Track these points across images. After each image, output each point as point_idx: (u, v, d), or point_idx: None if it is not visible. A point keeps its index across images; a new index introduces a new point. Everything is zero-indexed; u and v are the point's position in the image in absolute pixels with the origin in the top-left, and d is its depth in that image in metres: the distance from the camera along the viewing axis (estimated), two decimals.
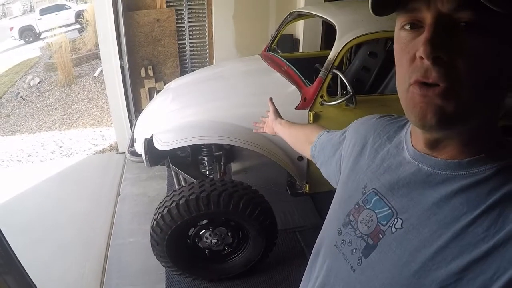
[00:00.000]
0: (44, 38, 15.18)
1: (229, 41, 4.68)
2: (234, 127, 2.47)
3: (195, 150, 2.79)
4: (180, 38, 4.69)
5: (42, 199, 4.00)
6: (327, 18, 2.71)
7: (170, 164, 2.73)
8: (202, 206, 2.26)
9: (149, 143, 2.55)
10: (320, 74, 2.47)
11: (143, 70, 4.65)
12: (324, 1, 4.22)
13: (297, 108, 2.47)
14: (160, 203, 2.41)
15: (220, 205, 2.26)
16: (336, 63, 2.44)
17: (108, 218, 3.58)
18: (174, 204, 2.28)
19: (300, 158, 2.59)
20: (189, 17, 4.62)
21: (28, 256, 3.11)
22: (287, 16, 3.38)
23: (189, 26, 4.67)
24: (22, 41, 16.95)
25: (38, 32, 16.82)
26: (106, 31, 4.16)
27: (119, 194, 3.94)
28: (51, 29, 13.90)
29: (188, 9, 4.57)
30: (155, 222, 2.35)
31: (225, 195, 2.26)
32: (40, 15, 16.95)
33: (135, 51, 4.54)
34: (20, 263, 1.14)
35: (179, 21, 4.60)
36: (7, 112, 8.49)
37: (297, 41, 4.57)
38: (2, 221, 3.54)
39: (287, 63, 2.90)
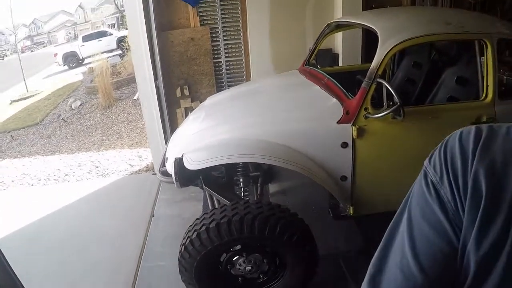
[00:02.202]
0: (87, 63, 15.79)
1: (266, 58, 4.56)
2: (271, 145, 2.29)
3: (230, 170, 2.64)
4: (216, 56, 4.62)
5: (75, 218, 4.00)
6: (367, 25, 2.52)
7: (203, 185, 2.59)
8: (235, 231, 2.08)
9: (179, 162, 2.41)
10: (363, 85, 2.26)
11: (178, 90, 4.59)
12: (362, 11, 4.03)
13: (339, 122, 2.27)
14: (190, 226, 2.26)
15: (255, 230, 2.07)
16: (380, 72, 2.24)
17: (140, 240, 3.49)
18: (204, 228, 2.12)
19: (344, 177, 2.37)
20: (224, 35, 4.55)
21: (56, 276, 3.10)
22: (325, 28, 3.22)
23: (225, 44, 4.59)
24: (66, 67, 17.75)
25: (81, 58, 17.58)
26: (140, 52, 4.15)
27: (153, 215, 3.86)
28: (93, 55, 14.45)
29: (223, 27, 4.50)
30: (183, 246, 2.20)
31: (260, 219, 2.07)
32: (83, 41, 17.76)
33: (170, 71, 4.50)
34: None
35: (214, 39, 4.53)
36: (49, 133, 8.79)
37: (337, 55, 4.38)
38: (35, 239, 3.59)
39: (327, 75, 2.71)
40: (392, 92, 2.12)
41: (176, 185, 2.50)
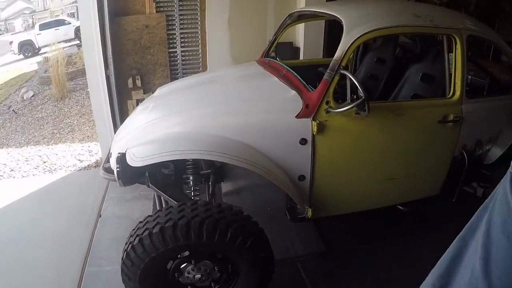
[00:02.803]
0: (43, 53, 14.94)
1: (224, 49, 4.29)
2: (223, 139, 2.03)
3: (180, 167, 2.36)
4: (171, 46, 4.30)
5: (19, 218, 3.67)
6: (332, 13, 2.32)
7: (149, 184, 2.30)
8: (181, 236, 1.82)
9: (122, 158, 2.12)
10: (325, 76, 2.05)
11: (130, 80, 4.24)
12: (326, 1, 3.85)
13: (298, 116, 2.04)
14: (132, 230, 1.98)
15: (203, 235, 1.82)
16: (343, 63, 2.03)
17: (85, 242, 3.17)
18: (147, 233, 1.85)
19: (302, 177, 2.16)
20: (180, 23, 4.23)
21: None
22: (286, 18, 2.99)
23: (181, 33, 4.27)
24: (22, 56, 16.74)
25: (37, 47, 16.64)
26: (90, 37, 3.77)
27: (100, 215, 3.53)
28: (50, 44, 13.64)
29: (180, 14, 4.19)
30: (125, 253, 1.93)
31: (209, 223, 1.82)
32: (39, 30, 16.83)
33: (122, 60, 4.14)
34: None
35: (170, 27, 4.21)
36: None
37: (297, 49, 4.17)
38: None
39: (286, 67, 2.49)
40: (357, 85, 1.92)
41: (118, 184, 2.20)
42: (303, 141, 2.05)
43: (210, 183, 2.44)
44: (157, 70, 4.32)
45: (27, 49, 16.82)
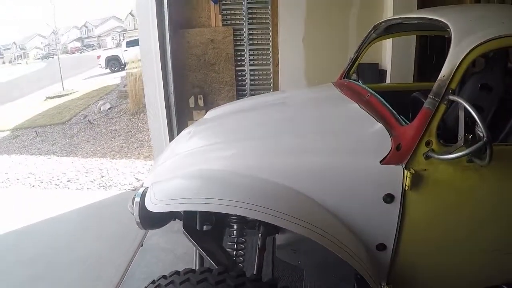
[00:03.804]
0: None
1: (298, 69, 3.78)
2: (274, 187, 1.47)
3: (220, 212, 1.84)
4: (239, 63, 3.89)
5: (59, 231, 3.58)
6: (433, 17, 1.69)
7: (183, 231, 1.80)
8: None
9: (142, 196, 1.66)
10: (426, 105, 1.42)
11: (192, 99, 3.89)
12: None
13: (384, 162, 1.41)
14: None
15: None
16: (453, 85, 1.39)
17: (119, 271, 2.87)
18: None
19: (382, 246, 1.52)
20: (249, 39, 3.80)
21: None
22: (371, 30, 2.39)
23: (250, 50, 3.84)
24: (108, 70, 17.78)
25: (123, 62, 17.51)
26: (149, 49, 3.49)
27: (142, 245, 3.22)
28: (134, 61, 14.24)
29: (249, 28, 3.76)
30: None
31: None
32: (126, 47, 17.73)
33: (184, 77, 3.80)
34: None
35: (238, 43, 3.80)
36: (72, 133, 8.55)
37: (384, 71, 3.52)
38: (6, 252, 3.30)
39: (371, 90, 1.89)
40: (477, 119, 1.27)
41: (138, 226, 1.75)
42: (389, 198, 1.41)
43: (260, 235, 1.90)
44: (222, 89, 3.92)
45: (114, 64, 17.83)
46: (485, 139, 1.27)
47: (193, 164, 1.67)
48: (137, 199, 1.70)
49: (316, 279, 2.52)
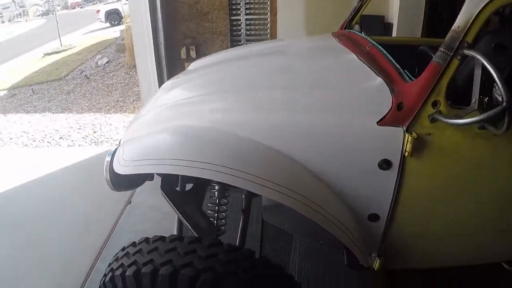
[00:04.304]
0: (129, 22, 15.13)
1: (298, 19, 3.52)
2: (258, 148, 1.27)
3: None
4: (234, 12, 3.62)
5: (49, 190, 3.41)
6: None
7: (161, 191, 1.63)
8: None
9: (113, 156, 1.48)
10: (436, 58, 1.19)
11: (183, 50, 3.65)
12: None
13: (382, 122, 1.20)
14: (116, 255, 1.36)
15: None
16: (469, 38, 1.15)
17: (107, 229, 2.79)
18: (119, 272, 1.23)
19: (374, 216, 1.34)
20: None
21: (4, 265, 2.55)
22: None
23: None
24: (108, 24, 17.20)
25: (123, 15, 16.89)
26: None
27: (130, 202, 3.11)
28: None
29: None
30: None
31: (205, 281, 1.11)
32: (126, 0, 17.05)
33: (174, 27, 3.56)
34: None
35: None
36: (69, 89, 8.35)
37: (390, 25, 3.22)
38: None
39: (372, 41, 1.64)
40: (496, 79, 1.05)
41: (110, 187, 1.58)
42: (386, 164, 1.22)
43: (243, 196, 1.74)
44: (216, 40, 3.68)
45: (114, 17, 17.20)
46: (504, 104, 1.05)
47: (171, 118, 1.47)
48: (108, 158, 1.53)
49: (305, 244, 2.39)
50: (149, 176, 1.69)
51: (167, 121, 1.47)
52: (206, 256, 1.17)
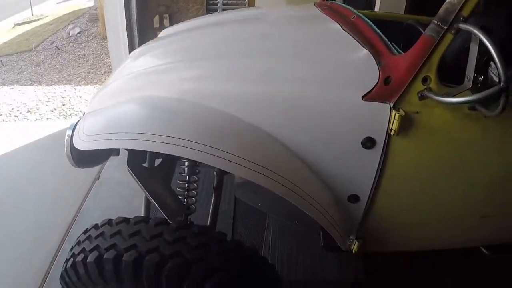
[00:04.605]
0: None
1: None
2: (231, 122, 1.15)
3: None
4: None
5: (14, 168, 3.20)
6: None
7: (128, 168, 1.49)
8: (125, 278, 1.03)
9: (74, 130, 1.33)
10: (428, 31, 1.09)
11: (157, 19, 3.43)
12: None
13: (367, 97, 1.09)
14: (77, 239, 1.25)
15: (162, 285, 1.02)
16: (465, 12, 1.05)
17: (74, 207, 2.63)
18: (81, 258, 1.13)
19: (354, 198, 1.25)
20: None
21: None
22: None
23: None
24: None
25: None
26: None
27: (98, 178, 2.94)
28: None
29: None
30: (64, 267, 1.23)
31: (173, 267, 1.01)
32: None
33: None
34: None
35: None
36: (39, 60, 7.88)
37: (372, 0, 3.09)
38: None
39: (357, 12, 1.52)
40: (495, 57, 0.95)
41: (71, 163, 1.43)
42: (369, 143, 1.12)
43: (215, 173, 1.63)
44: (191, 8, 3.47)
45: None
46: (502, 84, 0.96)
47: (137, 88, 1.32)
48: (68, 133, 1.38)
49: (279, 222, 2.32)
50: (114, 151, 1.54)
51: (133, 91, 1.32)
52: (174, 240, 1.07)
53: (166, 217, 1.35)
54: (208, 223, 1.80)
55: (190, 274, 1.00)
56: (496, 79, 0.99)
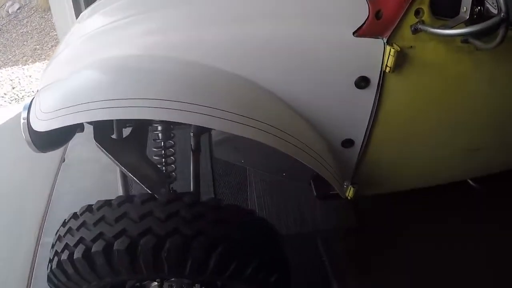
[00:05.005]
0: None
1: None
2: (210, 74, 1.01)
3: None
4: None
5: None
6: None
7: (96, 143, 1.33)
8: (122, 269, 0.92)
9: (30, 110, 1.14)
10: None
11: None
12: None
13: (358, 33, 0.98)
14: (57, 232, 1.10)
15: (163, 266, 0.92)
16: None
17: (43, 199, 2.37)
18: (66, 256, 0.99)
19: (348, 142, 1.17)
20: None
21: None
22: None
23: None
24: None
25: None
26: None
27: (64, 160, 2.68)
28: None
29: None
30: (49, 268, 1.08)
31: (173, 247, 0.91)
32: None
33: None
34: None
35: None
36: None
37: None
38: None
39: None
40: None
41: (32, 149, 1.26)
42: (363, 82, 1.02)
43: (192, 134, 1.50)
44: None
45: None
46: (502, 14, 0.87)
47: (93, 52, 1.14)
48: (24, 114, 1.19)
49: (260, 176, 2.24)
50: (79, 127, 1.37)
51: (89, 55, 1.13)
52: (166, 217, 0.95)
53: (149, 191, 1.23)
54: (192, 189, 1.70)
55: (193, 251, 0.90)
56: (494, 11, 0.91)
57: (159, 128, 1.35)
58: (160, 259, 0.90)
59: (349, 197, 1.36)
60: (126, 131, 1.43)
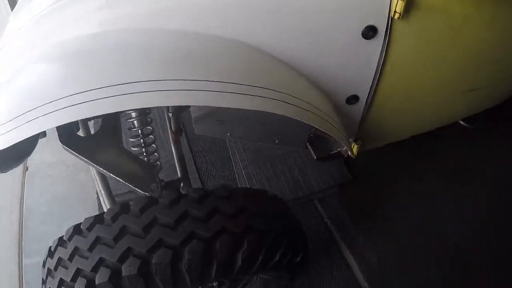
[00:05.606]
0: None
1: None
2: (193, 43, 0.82)
3: None
4: None
5: None
6: None
7: (62, 145, 1.12)
8: None
9: None
10: None
11: None
12: None
13: None
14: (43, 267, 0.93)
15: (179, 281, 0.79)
16: None
17: (14, 217, 2.11)
18: None
19: (353, 98, 1.04)
20: None
21: None
22: None
23: None
24: None
25: None
26: None
27: (27, 169, 2.40)
28: None
29: None
30: None
31: (194, 258, 0.76)
32: None
33: None
34: None
35: None
36: None
37: None
38: None
39: None
40: None
41: None
42: (371, 32, 0.88)
43: (170, 114, 1.37)
44: None
45: None
46: None
47: (44, 37, 0.90)
48: None
49: (244, 147, 2.11)
50: (41, 134, 1.16)
51: (37, 44, 0.91)
52: (175, 222, 0.78)
53: (139, 191, 1.07)
54: (179, 175, 1.55)
55: (216, 254, 0.76)
56: None
57: (133, 114, 1.17)
58: (181, 273, 0.75)
59: (353, 155, 1.26)
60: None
